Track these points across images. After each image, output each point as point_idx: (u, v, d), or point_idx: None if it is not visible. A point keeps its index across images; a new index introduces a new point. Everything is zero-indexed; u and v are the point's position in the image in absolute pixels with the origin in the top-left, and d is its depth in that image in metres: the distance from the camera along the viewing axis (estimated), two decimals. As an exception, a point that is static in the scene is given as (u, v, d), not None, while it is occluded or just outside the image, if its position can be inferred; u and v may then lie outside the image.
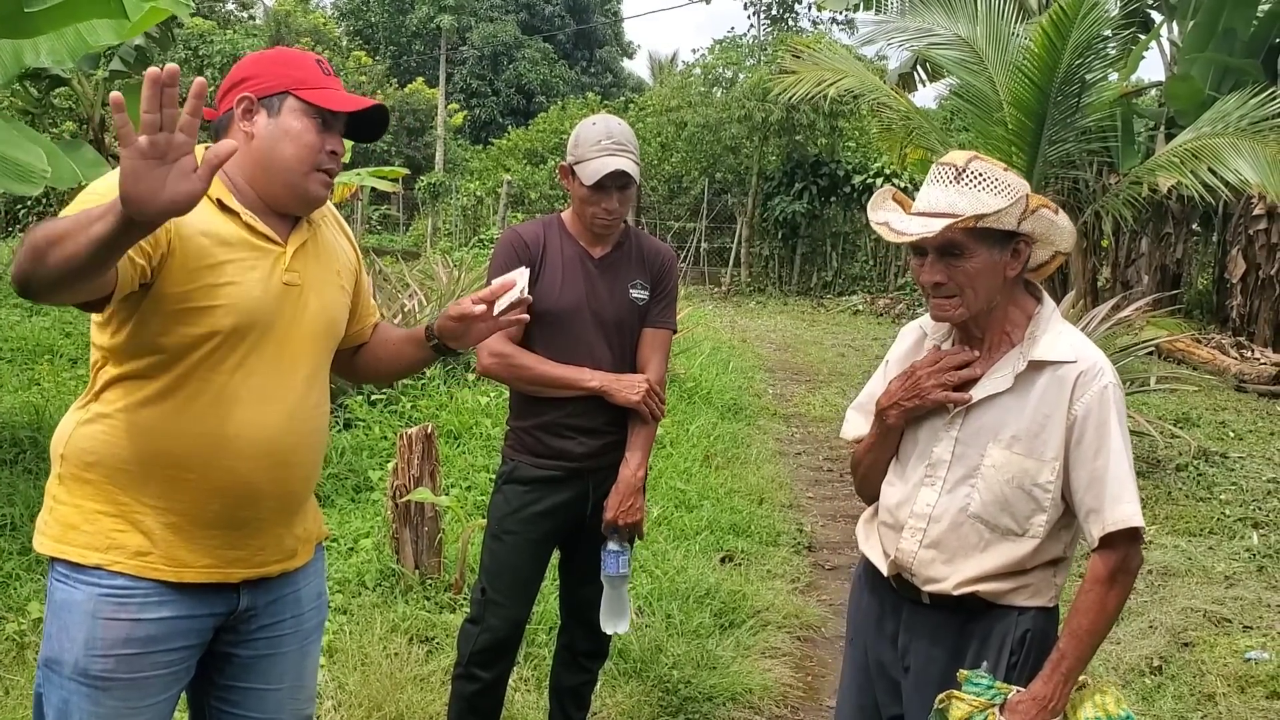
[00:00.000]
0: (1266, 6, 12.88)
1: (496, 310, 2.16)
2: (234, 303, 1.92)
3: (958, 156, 2.11)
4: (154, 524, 1.94)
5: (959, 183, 2.07)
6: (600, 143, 2.87)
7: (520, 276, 2.20)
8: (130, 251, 1.73)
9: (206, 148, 2.03)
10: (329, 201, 2.15)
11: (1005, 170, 2.10)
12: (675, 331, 3.19)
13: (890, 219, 2.13)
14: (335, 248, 2.19)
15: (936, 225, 2.02)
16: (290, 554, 2.12)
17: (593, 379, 2.91)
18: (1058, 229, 2.16)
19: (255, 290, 1.95)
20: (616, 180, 2.86)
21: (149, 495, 1.94)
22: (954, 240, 2.05)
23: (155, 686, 1.95)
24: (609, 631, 3.14)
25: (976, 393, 2.15)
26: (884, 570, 2.27)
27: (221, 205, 1.95)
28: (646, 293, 3.03)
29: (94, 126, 8.90)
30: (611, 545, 3.03)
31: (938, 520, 2.17)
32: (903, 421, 2.24)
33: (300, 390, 2.05)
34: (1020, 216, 2.08)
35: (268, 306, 1.97)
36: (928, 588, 2.18)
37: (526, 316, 2.25)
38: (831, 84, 10.43)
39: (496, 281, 2.20)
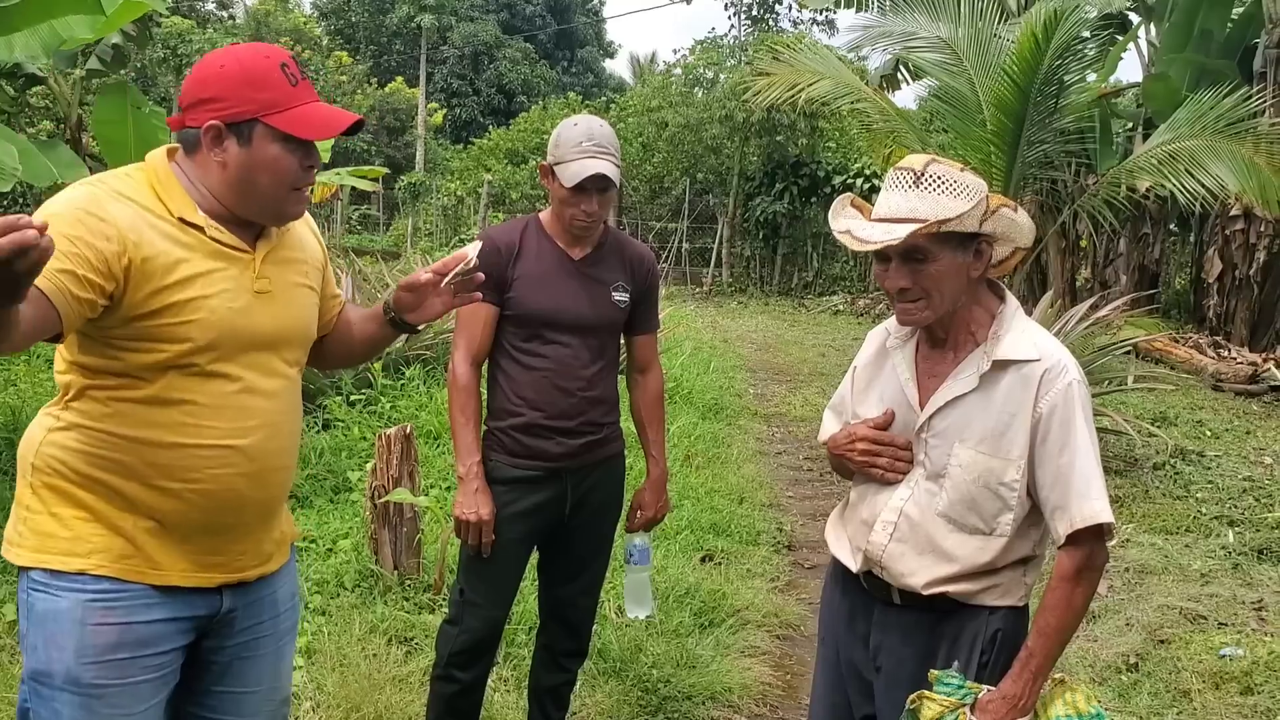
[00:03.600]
0: (1241, 9, 12.99)
1: (446, 281, 2.15)
2: (206, 316, 1.89)
3: (915, 160, 2.11)
4: (134, 528, 1.91)
5: (918, 187, 2.06)
6: (581, 144, 2.85)
7: (472, 249, 2.18)
8: (73, 288, 1.70)
9: (170, 150, 1.97)
10: None
11: (963, 171, 2.10)
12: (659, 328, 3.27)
13: (852, 226, 2.12)
14: (302, 247, 2.16)
15: (900, 231, 2.02)
16: (267, 558, 2.12)
17: (461, 467, 2.92)
18: (1018, 226, 2.17)
19: (227, 301, 1.92)
20: (597, 183, 2.85)
21: (128, 504, 1.91)
22: (917, 245, 2.04)
23: (146, 691, 1.93)
24: (636, 617, 3.34)
25: (942, 395, 2.16)
26: (854, 567, 2.27)
27: (184, 221, 1.90)
28: (627, 295, 3.03)
29: (71, 126, 8.82)
30: (637, 540, 3.21)
31: (908, 517, 2.18)
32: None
33: (278, 396, 2.03)
34: (981, 218, 2.09)
35: (241, 317, 1.94)
36: (898, 583, 2.19)
37: (479, 295, 2.24)
38: (804, 89, 10.48)
39: (451, 255, 2.21)
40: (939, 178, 2.07)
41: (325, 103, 2.02)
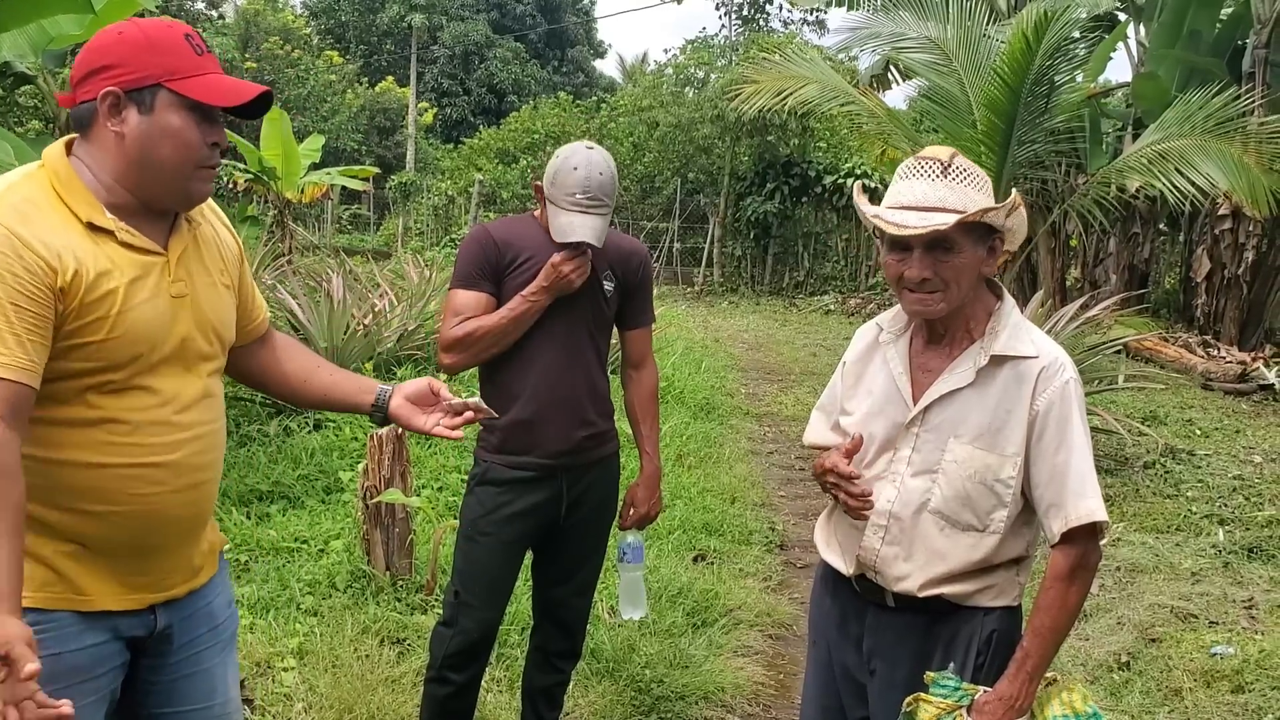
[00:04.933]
0: (1229, 9, 13.03)
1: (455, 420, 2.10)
2: (126, 330, 1.77)
3: (940, 151, 2.11)
4: (52, 554, 1.80)
5: (946, 177, 2.07)
6: (575, 196, 2.81)
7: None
8: (39, 360, 1.68)
9: (68, 142, 1.84)
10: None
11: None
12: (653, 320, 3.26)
13: (881, 212, 2.10)
14: (216, 245, 2.03)
15: (940, 219, 2.01)
16: (196, 572, 2.02)
17: (531, 291, 2.83)
18: (1022, 226, 2.18)
19: (146, 312, 1.80)
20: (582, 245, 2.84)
21: (46, 529, 1.79)
22: (946, 235, 2.04)
23: (86, 715, 1.81)
24: (629, 618, 3.32)
25: (938, 388, 2.15)
26: (847, 570, 2.26)
27: (93, 227, 1.77)
28: (614, 285, 3.03)
29: (59, 126, 8.80)
30: (630, 538, 3.19)
31: (899, 517, 2.16)
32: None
33: (201, 405, 1.92)
34: (1006, 213, 2.10)
35: (160, 325, 1.83)
36: (894, 587, 2.18)
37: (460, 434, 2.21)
38: (791, 93, 10.52)
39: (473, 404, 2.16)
40: (964, 170, 2.08)
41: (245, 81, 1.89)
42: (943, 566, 2.13)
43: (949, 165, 2.07)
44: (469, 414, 2.15)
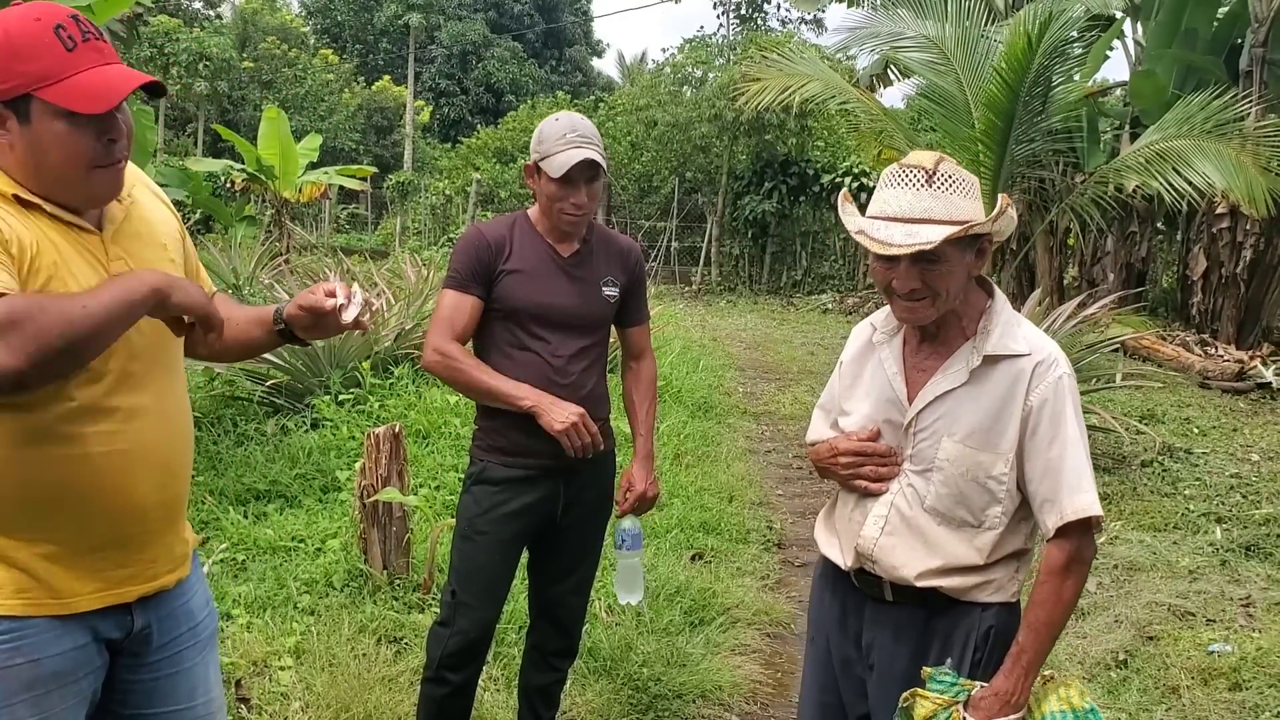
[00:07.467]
0: (1226, 8, 13.04)
1: (346, 318, 2.01)
2: None
3: (925, 158, 2.08)
4: (29, 557, 1.75)
5: (931, 186, 2.04)
6: (565, 136, 2.85)
7: (356, 296, 2.06)
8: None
9: None
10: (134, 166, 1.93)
11: (959, 166, 2.10)
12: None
13: (865, 226, 2.08)
14: (156, 218, 1.97)
15: (928, 234, 1.99)
16: (182, 560, 1.99)
17: (526, 398, 2.83)
18: (1010, 224, 2.16)
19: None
20: (585, 172, 2.84)
21: (19, 531, 1.75)
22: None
23: (67, 718, 1.81)
24: (627, 603, 3.30)
25: (931, 389, 2.15)
26: (846, 563, 2.26)
27: (20, 201, 1.72)
28: (617, 289, 3.03)
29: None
30: (627, 524, 3.14)
31: (898, 510, 2.17)
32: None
33: (165, 387, 1.89)
34: (994, 218, 2.09)
35: None
36: (891, 576, 2.18)
37: (370, 326, 2.15)
38: (795, 90, 10.55)
39: (353, 291, 2.07)
40: (949, 176, 2.05)
41: (124, 65, 1.80)
42: (940, 558, 2.13)
43: (934, 173, 2.04)
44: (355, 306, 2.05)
